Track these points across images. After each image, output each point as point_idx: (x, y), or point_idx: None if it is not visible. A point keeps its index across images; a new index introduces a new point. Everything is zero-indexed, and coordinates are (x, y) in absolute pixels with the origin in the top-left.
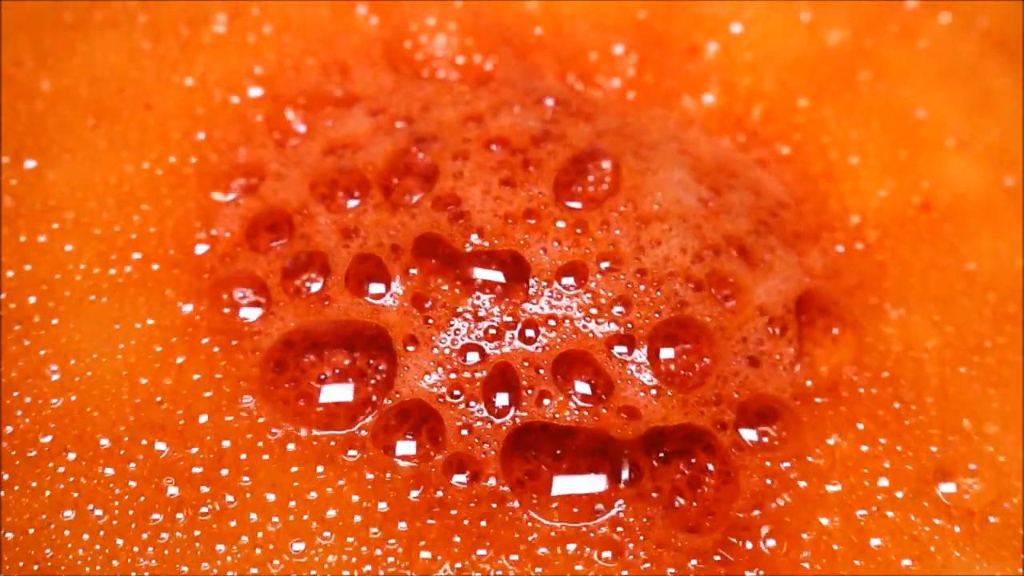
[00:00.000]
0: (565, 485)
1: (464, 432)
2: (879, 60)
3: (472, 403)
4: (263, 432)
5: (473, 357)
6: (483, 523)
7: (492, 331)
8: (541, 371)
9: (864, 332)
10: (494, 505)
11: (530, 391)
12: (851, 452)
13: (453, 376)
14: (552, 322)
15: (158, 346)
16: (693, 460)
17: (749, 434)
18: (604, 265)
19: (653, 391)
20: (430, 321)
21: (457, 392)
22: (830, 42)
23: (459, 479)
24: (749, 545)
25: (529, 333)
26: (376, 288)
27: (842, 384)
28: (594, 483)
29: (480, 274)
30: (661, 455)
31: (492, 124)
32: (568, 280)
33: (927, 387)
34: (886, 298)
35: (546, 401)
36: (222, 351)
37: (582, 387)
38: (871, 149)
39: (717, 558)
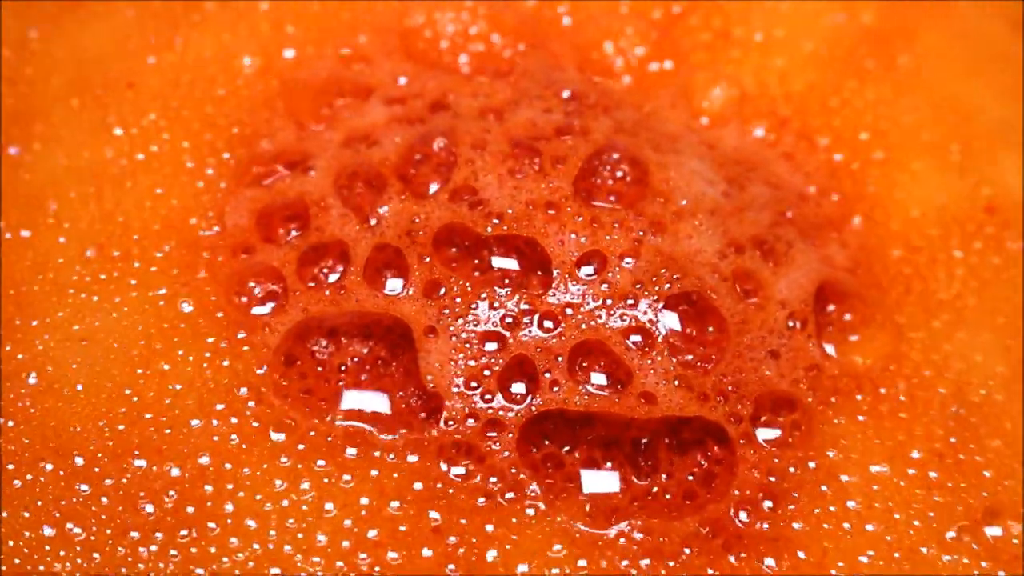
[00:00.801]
0: (584, 477)
1: (471, 421)
2: (917, 42)
3: (488, 394)
4: (253, 445)
5: (491, 346)
6: (489, 528)
7: (510, 320)
8: (560, 358)
9: (911, 341)
10: (510, 494)
11: (547, 374)
12: (894, 483)
13: (472, 363)
14: (569, 311)
15: (142, 351)
16: (709, 453)
17: (765, 432)
18: (625, 257)
19: (675, 380)
20: (445, 311)
21: (474, 383)
22: (865, 20)
23: (462, 470)
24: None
25: (548, 323)
26: (395, 278)
27: (888, 399)
28: (611, 478)
29: (499, 263)
30: (676, 445)
31: (511, 116)
32: (588, 270)
33: (993, 422)
34: (946, 310)
35: (555, 389)
36: (227, 349)
37: (599, 376)
38: (927, 139)
39: None
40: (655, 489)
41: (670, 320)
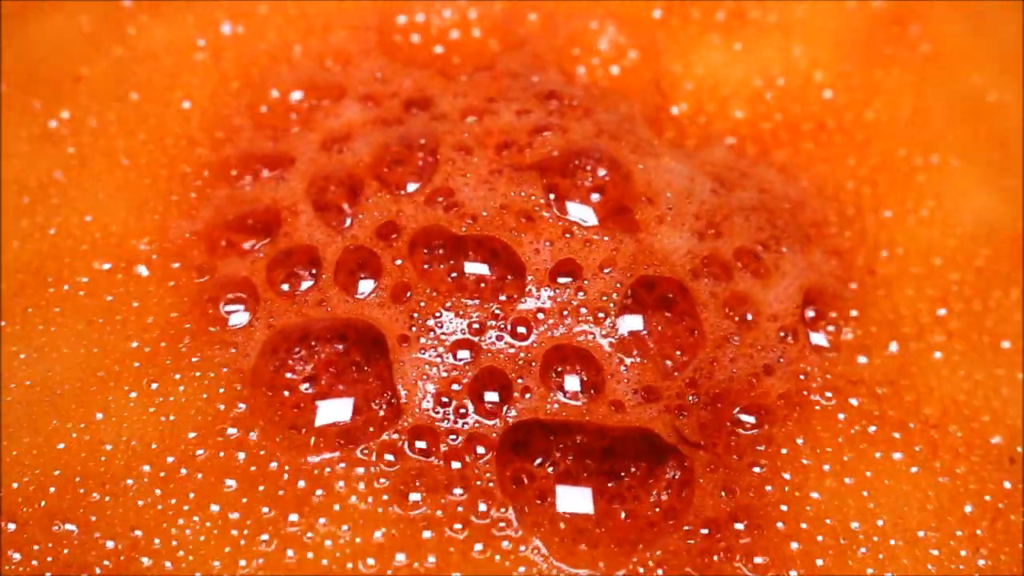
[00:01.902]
0: (562, 495)
1: (453, 438)
2: (933, 30)
3: (462, 409)
4: (189, 515)
5: (464, 355)
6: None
7: (480, 327)
8: (534, 364)
9: (976, 383)
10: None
11: (520, 380)
12: (947, 544)
13: (445, 375)
14: (541, 315)
15: (76, 393)
16: (686, 463)
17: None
18: (603, 265)
19: (653, 398)
20: (415, 315)
21: (445, 398)
22: (875, 6)
23: (449, 497)
24: None
25: (521, 329)
26: (367, 283)
27: (947, 448)
28: (584, 496)
29: (472, 268)
30: (653, 462)
31: (490, 116)
32: (564, 278)
33: None
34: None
35: (528, 395)
36: (171, 390)
37: (572, 382)
38: (963, 141)
39: None
40: (624, 512)
41: (638, 324)
